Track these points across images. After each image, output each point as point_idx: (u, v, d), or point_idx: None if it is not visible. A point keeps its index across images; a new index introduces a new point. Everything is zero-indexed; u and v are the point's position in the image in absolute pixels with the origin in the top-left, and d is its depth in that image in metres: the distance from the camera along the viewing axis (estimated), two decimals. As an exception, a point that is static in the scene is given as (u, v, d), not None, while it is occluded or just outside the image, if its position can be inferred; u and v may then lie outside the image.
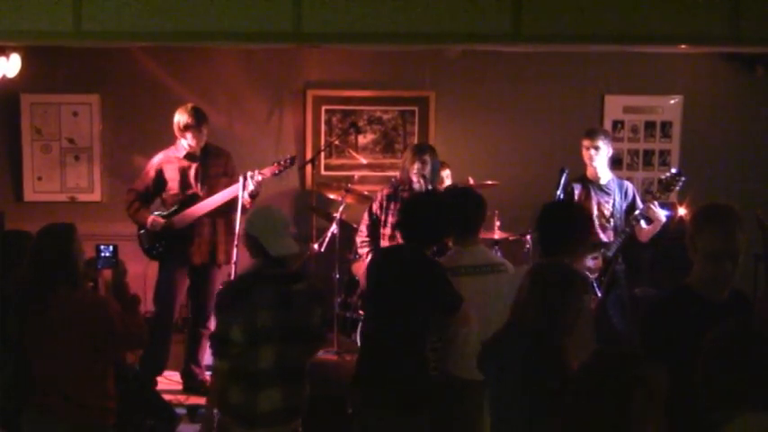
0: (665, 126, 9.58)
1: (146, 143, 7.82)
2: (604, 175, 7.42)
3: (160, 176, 7.56)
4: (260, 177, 7.33)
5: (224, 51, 9.19)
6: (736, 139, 9.48)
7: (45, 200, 9.32)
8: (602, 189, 7.39)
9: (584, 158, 7.43)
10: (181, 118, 7.41)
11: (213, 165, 7.61)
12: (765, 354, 3.19)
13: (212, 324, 5.53)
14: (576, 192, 7.37)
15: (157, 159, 7.61)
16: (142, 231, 7.57)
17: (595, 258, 7.14)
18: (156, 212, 7.55)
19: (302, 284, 4.95)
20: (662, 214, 7.04)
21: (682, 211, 7.66)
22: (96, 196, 9.39)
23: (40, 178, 9.46)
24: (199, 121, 7.43)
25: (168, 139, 7.68)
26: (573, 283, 4.12)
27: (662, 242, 7.57)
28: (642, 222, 7.09)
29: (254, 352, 4.80)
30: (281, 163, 7.57)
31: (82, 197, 9.40)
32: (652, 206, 7.01)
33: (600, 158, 7.38)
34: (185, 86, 9.25)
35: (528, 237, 8.39)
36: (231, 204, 7.46)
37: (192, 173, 7.54)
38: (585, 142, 7.39)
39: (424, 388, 5.15)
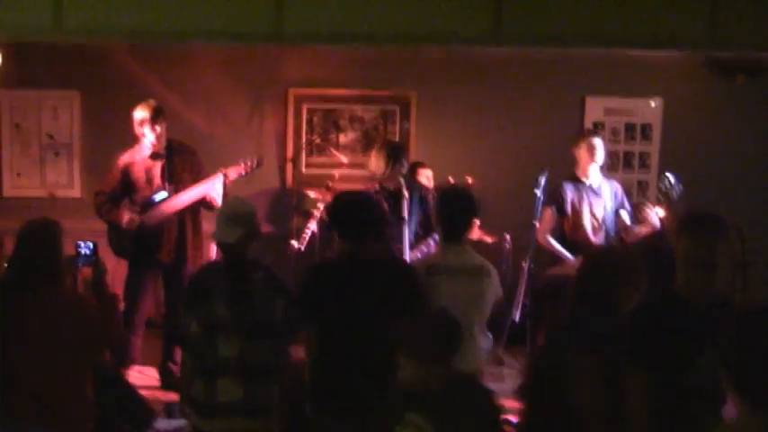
0: (646, 128, 9.65)
1: (125, 140, 7.79)
2: (595, 176, 7.46)
3: (126, 177, 7.57)
4: (223, 178, 7.41)
5: (205, 50, 9.16)
6: (715, 144, 9.52)
7: (24, 195, 9.28)
8: (593, 191, 7.43)
9: (580, 158, 7.44)
10: (138, 114, 7.45)
11: (178, 162, 7.62)
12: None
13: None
14: (568, 193, 7.40)
15: (123, 160, 7.61)
16: (111, 231, 7.57)
17: None
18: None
19: (259, 274, 4.97)
20: (657, 219, 7.10)
21: (661, 212, 7.71)
22: (76, 192, 9.37)
23: (19, 174, 9.43)
24: (154, 115, 7.44)
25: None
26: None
27: (641, 246, 7.62)
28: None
29: (213, 342, 4.85)
30: (248, 164, 7.60)
31: (61, 193, 9.36)
32: (648, 210, 7.06)
33: (602, 157, 7.46)
34: (165, 85, 9.23)
35: (507, 237, 8.42)
36: (199, 201, 7.54)
37: (157, 171, 7.56)
38: (594, 141, 7.40)
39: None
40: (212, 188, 7.41)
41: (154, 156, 7.55)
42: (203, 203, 7.58)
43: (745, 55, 7.63)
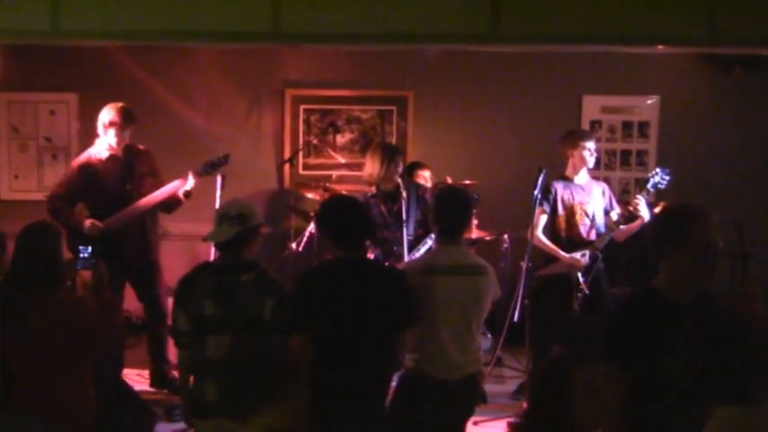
0: (643, 126, 9.66)
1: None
2: (584, 175, 7.45)
3: (83, 179, 7.39)
4: (193, 179, 7.33)
5: (202, 50, 9.21)
6: (712, 140, 9.53)
7: (22, 198, 9.29)
8: (583, 189, 7.42)
9: (574, 159, 7.41)
10: (107, 115, 7.33)
11: (137, 164, 7.50)
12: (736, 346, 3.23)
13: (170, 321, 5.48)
14: (559, 191, 7.37)
15: (79, 162, 7.50)
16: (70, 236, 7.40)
17: (583, 256, 7.17)
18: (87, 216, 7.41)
19: (251, 275, 4.92)
20: (647, 212, 7.10)
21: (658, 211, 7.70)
22: (73, 195, 9.37)
23: (16, 177, 9.46)
24: (125, 120, 7.34)
25: (144, 138, 7.73)
26: None
27: (638, 241, 7.62)
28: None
29: (202, 340, 4.86)
30: (214, 161, 7.41)
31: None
32: (640, 203, 7.07)
33: (595, 158, 7.47)
34: (163, 86, 9.31)
35: (505, 236, 8.42)
36: (159, 204, 7.44)
37: (116, 173, 7.42)
38: (587, 143, 7.40)
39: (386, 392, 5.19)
40: (181, 187, 7.34)
41: (112, 158, 7.43)
42: (164, 205, 7.50)
43: (744, 51, 7.61)
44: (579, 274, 7.18)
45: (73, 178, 7.43)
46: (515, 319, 7.24)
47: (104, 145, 7.40)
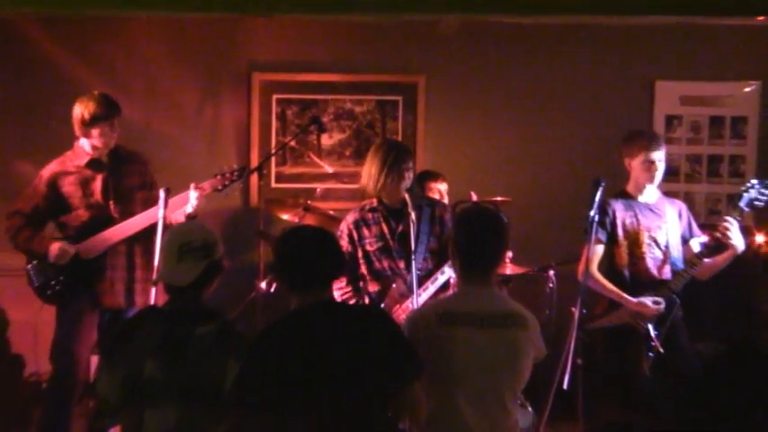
0: (737, 123, 9.60)
1: (35, 145, 7.73)
2: (652, 191, 7.29)
3: (54, 192, 7.42)
4: (196, 194, 7.27)
5: (141, 21, 9.15)
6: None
7: None
8: (651, 210, 7.32)
9: (635, 172, 7.32)
10: (85, 109, 7.25)
11: (127, 174, 7.56)
12: None
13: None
14: (619, 213, 7.32)
15: (49, 170, 7.48)
16: (31, 265, 7.40)
17: (658, 304, 7.02)
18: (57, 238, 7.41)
19: (211, 326, 4.83)
20: (741, 240, 6.93)
21: (760, 238, 7.58)
22: (-34, 215, 9.24)
23: None
24: (110, 111, 7.32)
25: (67, 139, 7.58)
26: None
27: (731, 280, 7.49)
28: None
29: (138, 413, 4.76)
30: (226, 175, 7.50)
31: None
32: (731, 227, 6.90)
33: (661, 176, 7.33)
34: (89, 68, 9.18)
35: (551, 273, 8.23)
36: (153, 227, 7.28)
37: (98, 185, 7.44)
38: (652, 154, 7.26)
39: None
40: (178, 207, 7.27)
41: (94, 165, 7.42)
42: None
43: None
44: (650, 326, 7.11)
45: (40, 190, 7.45)
46: (564, 385, 7.08)
47: (86, 148, 7.40)
